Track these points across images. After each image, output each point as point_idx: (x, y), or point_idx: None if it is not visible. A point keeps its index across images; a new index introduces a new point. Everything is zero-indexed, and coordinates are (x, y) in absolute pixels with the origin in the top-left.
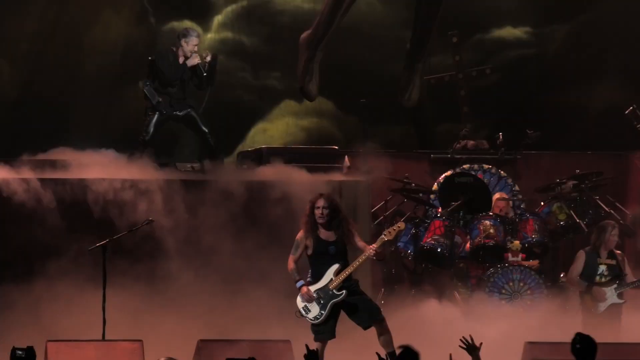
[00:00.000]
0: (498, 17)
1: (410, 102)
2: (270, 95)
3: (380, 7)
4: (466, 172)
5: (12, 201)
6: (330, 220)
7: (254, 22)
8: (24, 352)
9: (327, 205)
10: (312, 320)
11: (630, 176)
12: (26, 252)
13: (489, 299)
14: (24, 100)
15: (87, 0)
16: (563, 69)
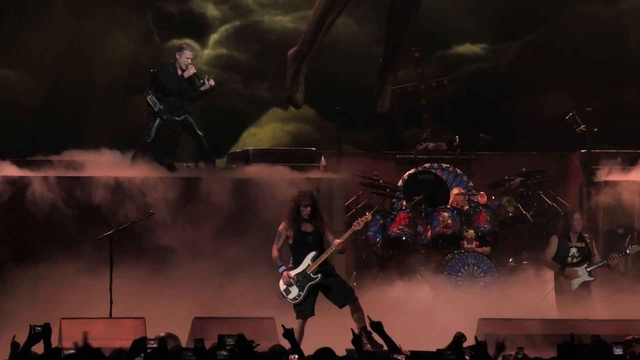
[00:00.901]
0: (458, 35)
1: (382, 109)
2: (259, 103)
3: (356, 27)
4: (427, 171)
5: (31, 196)
6: (312, 215)
7: (245, 39)
8: (41, 328)
9: (310, 203)
10: (292, 301)
11: (570, 173)
12: (43, 240)
13: (447, 280)
14: (45, 109)
15: (99, 22)
16: (514, 81)
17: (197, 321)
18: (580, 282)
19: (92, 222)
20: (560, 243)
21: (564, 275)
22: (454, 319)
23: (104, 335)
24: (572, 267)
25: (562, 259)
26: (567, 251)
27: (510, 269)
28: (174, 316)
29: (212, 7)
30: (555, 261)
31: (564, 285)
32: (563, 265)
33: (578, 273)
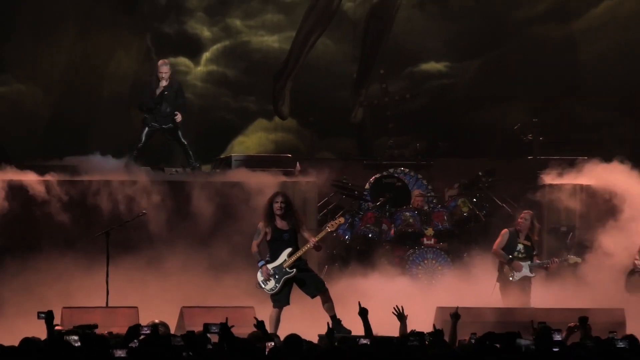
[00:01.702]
0: (424, 54)
1: (355, 120)
2: (246, 115)
3: (333, 48)
4: (391, 175)
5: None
6: (285, 213)
7: (234, 58)
8: (45, 314)
9: (284, 201)
10: (269, 292)
11: (518, 177)
12: (47, 237)
13: (409, 273)
14: (54, 120)
15: (104, 42)
16: (474, 95)
17: (185, 310)
18: (522, 276)
19: (90, 220)
20: (510, 237)
21: (511, 266)
22: (415, 307)
23: (102, 322)
24: (519, 261)
25: (510, 252)
26: (515, 246)
27: (465, 261)
28: (164, 306)
29: (205, 29)
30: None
31: (507, 275)
32: (512, 257)
33: (522, 268)
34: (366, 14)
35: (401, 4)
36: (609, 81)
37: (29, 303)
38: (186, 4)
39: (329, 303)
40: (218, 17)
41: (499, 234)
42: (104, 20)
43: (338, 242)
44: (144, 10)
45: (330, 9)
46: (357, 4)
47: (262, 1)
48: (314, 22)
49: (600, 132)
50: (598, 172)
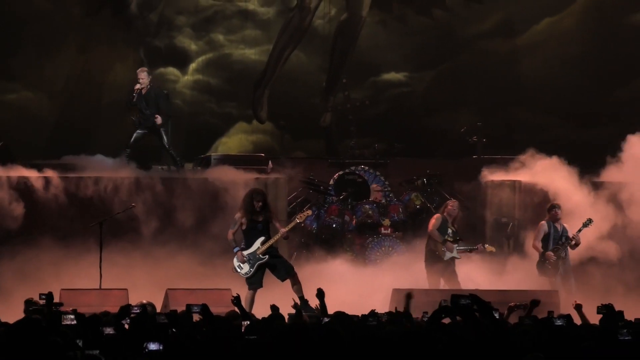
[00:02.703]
0: (386, 65)
1: (325, 124)
2: (229, 119)
3: (305, 59)
4: (352, 172)
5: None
6: (263, 208)
7: (218, 68)
8: (45, 295)
9: (262, 200)
10: (244, 275)
11: (464, 174)
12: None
13: (368, 259)
14: (58, 124)
15: (103, 54)
16: (429, 102)
17: (170, 292)
18: (450, 256)
19: (85, 212)
20: (442, 221)
21: (445, 246)
22: (374, 289)
23: (96, 302)
24: (451, 242)
25: (443, 234)
26: (446, 230)
27: (418, 249)
28: (151, 287)
29: (191, 43)
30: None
31: (438, 254)
32: (446, 239)
33: (453, 249)
34: (334, 30)
35: (365, 21)
36: (548, 90)
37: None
38: (175, 21)
39: (298, 285)
40: (203, 33)
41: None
42: (102, 36)
43: (306, 232)
44: (138, 26)
45: (303, 26)
46: (326, 21)
47: (242, 18)
48: (288, 38)
49: (539, 134)
50: (536, 170)
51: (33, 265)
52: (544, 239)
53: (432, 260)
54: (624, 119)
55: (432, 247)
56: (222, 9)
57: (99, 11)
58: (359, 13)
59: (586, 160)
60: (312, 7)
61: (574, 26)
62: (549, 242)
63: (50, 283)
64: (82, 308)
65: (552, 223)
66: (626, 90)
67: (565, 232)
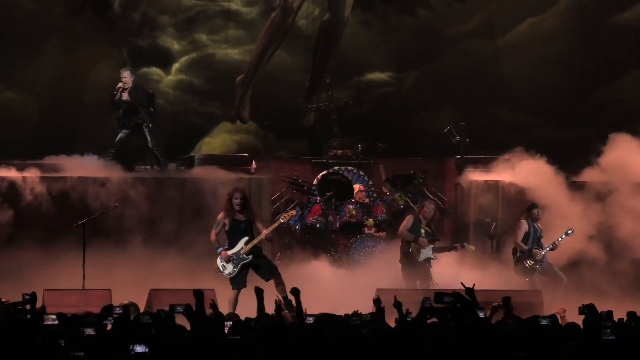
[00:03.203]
0: (369, 65)
1: (308, 124)
2: (212, 118)
3: (288, 59)
4: (336, 172)
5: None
6: (243, 207)
7: (201, 68)
8: (29, 295)
9: (241, 197)
10: (227, 276)
11: (447, 174)
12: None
13: (352, 259)
14: (41, 124)
15: (86, 54)
16: (413, 102)
17: (153, 292)
18: (426, 256)
19: (69, 212)
20: (414, 222)
21: (417, 243)
22: (357, 289)
23: (78, 303)
24: (422, 238)
25: (415, 234)
26: (419, 230)
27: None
28: (134, 288)
29: (174, 42)
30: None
31: (413, 255)
32: (416, 236)
33: (427, 247)
34: (317, 30)
35: (348, 21)
36: (530, 90)
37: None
38: (158, 21)
39: (282, 286)
40: (186, 33)
41: None
42: (85, 36)
43: (289, 232)
44: (121, 26)
45: (285, 26)
46: (309, 21)
47: (225, 18)
48: (271, 38)
49: (521, 134)
50: (519, 170)
51: (15, 266)
52: (524, 237)
53: (407, 262)
54: (606, 119)
55: (406, 248)
56: (205, 9)
57: (81, 11)
58: (341, 13)
59: (568, 160)
60: (295, 7)
61: (557, 26)
62: (529, 241)
63: (33, 283)
64: (65, 308)
65: (532, 222)
66: (609, 90)
67: (541, 234)
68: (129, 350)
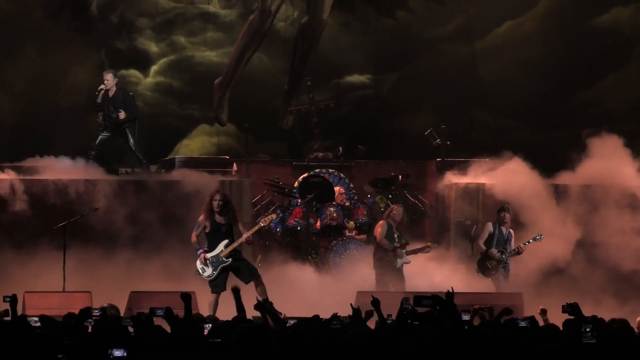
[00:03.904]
0: (349, 68)
1: (286, 126)
2: (191, 121)
3: (267, 61)
4: (317, 175)
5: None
6: (223, 209)
7: (180, 70)
8: (9, 298)
9: (221, 199)
10: (207, 278)
11: (428, 177)
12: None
13: (333, 261)
14: (19, 126)
15: (63, 57)
16: (392, 104)
17: (133, 294)
18: (402, 262)
19: (49, 215)
20: (388, 227)
21: (395, 254)
22: (338, 291)
23: (58, 305)
24: (400, 249)
25: (391, 240)
26: (392, 235)
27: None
28: (114, 290)
29: (153, 45)
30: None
31: (390, 262)
32: (395, 246)
33: (404, 255)
34: (296, 33)
35: (326, 23)
36: (509, 93)
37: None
38: (136, 23)
39: (262, 287)
40: (165, 35)
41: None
42: (62, 38)
43: (270, 235)
44: (98, 28)
45: (263, 28)
46: (288, 24)
47: (204, 21)
48: (249, 40)
49: (499, 137)
50: (500, 172)
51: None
52: (487, 239)
53: (382, 268)
54: (585, 122)
55: (381, 254)
56: (184, 11)
57: (59, 14)
58: (319, 16)
59: (547, 163)
60: (273, 9)
61: (535, 30)
62: (492, 243)
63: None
64: (45, 311)
65: (498, 225)
66: (588, 93)
67: (510, 238)
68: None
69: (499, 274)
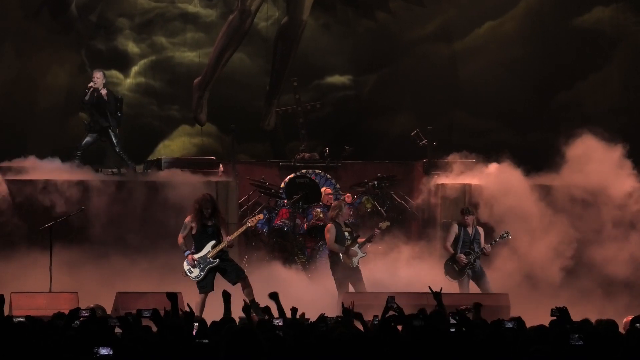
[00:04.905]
0: (330, 69)
1: (268, 127)
2: (171, 121)
3: (248, 62)
4: (303, 175)
5: None
6: (212, 211)
7: (160, 71)
8: None
9: (211, 206)
10: (194, 279)
11: (414, 178)
12: None
13: (319, 262)
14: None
15: (41, 58)
16: (373, 105)
17: (120, 295)
18: (359, 259)
19: (35, 215)
20: (336, 230)
21: (348, 255)
22: (324, 293)
23: (45, 306)
24: (351, 247)
25: (341, 242)
26: (343, 236)
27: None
28: (100, 291)
29: (133, 45)
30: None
31: (345, 264)
32: (346, 247)
33: (357, 252)
34: (275, 33)
35: (306, 24)
36: (489, 93)
37: None
38: (116, 23)
39: (249, 289)
40: (145, 35)
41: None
42: (40, 39)
43: (257, 235)
44: (78, 28)
45: (243, 28)
46: (269, 24)
47: (184, 21)
48: (228, 40)
49: (479, 138)
50: (487, 173)
51: None
52: (454, 241)
53: (339, 271)
54: (565, 123)
55: (335, 258)
56: (164, 12)
57: (38, 14)
58: (299, 17)
59: (528, 163)
60: (253, 9)
61: (516, 30)
62: (459, 244)
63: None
64: (32, 311)
65: (463, 226)
66: (568, 94)
67: (478, 237)
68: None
69: (465, 277)
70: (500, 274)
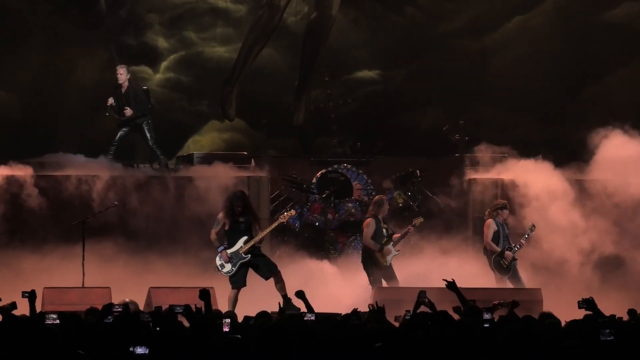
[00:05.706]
0: (358, 63)
1: (297, 122)
2: (201, 117)
3: (277, 57)
4: (335, 170)
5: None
6: (244, 209)
7: (190, 66)
8: (28, 293)
9: (242, 204)
10: (226, 274)
11: (446, 172)
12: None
13: (351, 257)
14: (26, 121)
15: (69, 53)
16: (402, 99)
17: (152, 290)
18: (392, 257)
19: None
20: (376, 225)
21: (382, 253)
22: (356, 287)
23: (78, 301)
24: (386, 245)
25: (380, 238)
26: (381, 232)
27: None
28: (133, 286)
29: (163, 40)
30: (375, 241)
31: (379, 261)
32: (382, 245)
33: (391, 250)
34: (305, 29)
35: (335, 19)
36: (518, 87)
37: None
38: (146, 18)
39: (281, 284)
40: (175, 31)
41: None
42: (69, 34)
43: (289, 230)
44: (107, 23)
45: (272, 23)
46: (298, 19)
47: (213, 16)
48: (257, 35)
49: (508, 132)
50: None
51: (15, 264)
52: (494, 237)
53: (372, 266)
54: (594, 117)
55: (370, 253)
56: (194, 7)
57: (67, 9)
58: (328, 12)
59: (557, 158)
60: (282, 4)
61: (545, 24)
62: (500, 240)
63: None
64: (64, 306)
65: (499, 221)
66: (597, 88)
67: (508, 231)
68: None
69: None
70: (529, 268)
